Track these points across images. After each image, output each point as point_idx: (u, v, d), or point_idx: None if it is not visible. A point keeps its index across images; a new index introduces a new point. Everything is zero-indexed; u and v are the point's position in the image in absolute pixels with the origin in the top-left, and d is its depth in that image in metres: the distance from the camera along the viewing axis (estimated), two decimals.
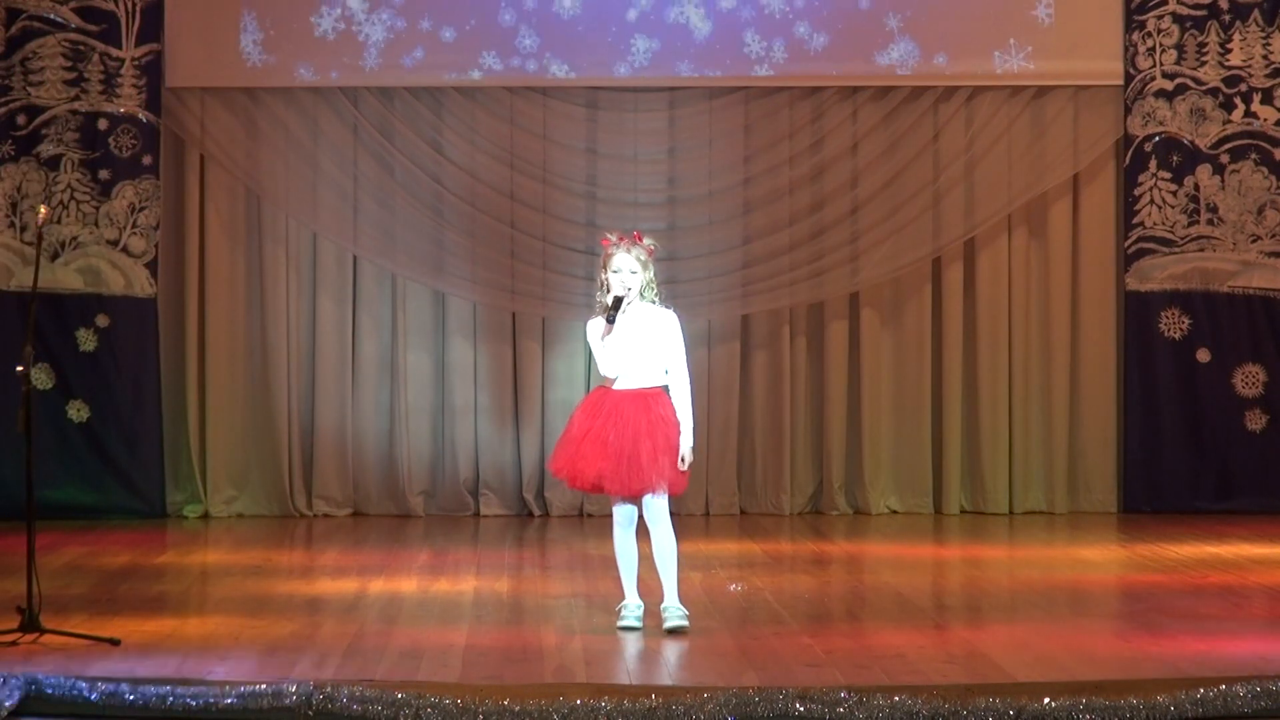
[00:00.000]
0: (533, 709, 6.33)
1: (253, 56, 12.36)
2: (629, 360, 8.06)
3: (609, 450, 7.96)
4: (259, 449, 12.59)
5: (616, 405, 8.05)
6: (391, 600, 9.10)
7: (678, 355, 8.11)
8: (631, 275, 8.08)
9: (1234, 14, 12.61)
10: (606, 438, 7.98)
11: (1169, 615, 8.54)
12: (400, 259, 12.61)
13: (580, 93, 12.66)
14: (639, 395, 8.06)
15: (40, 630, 7.74)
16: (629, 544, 8.17)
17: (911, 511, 12.76)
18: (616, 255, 8.10)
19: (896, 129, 12.72)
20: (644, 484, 7.98)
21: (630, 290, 8.06)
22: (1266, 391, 12.65)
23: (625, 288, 8.06)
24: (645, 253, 8.13)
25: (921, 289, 12.81)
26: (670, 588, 8.09)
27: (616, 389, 8.09)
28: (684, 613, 8.04)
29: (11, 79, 12.24)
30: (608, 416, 8.03)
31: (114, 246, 12.30)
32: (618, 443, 7.96)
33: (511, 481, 12.75)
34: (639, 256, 8.10)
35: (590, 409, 8.14)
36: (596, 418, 8.06)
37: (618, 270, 8.08)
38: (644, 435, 7.97)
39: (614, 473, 7.97)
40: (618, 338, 8.04)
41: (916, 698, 6.39)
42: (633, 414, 8.00)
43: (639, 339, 8.06)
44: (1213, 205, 12.65)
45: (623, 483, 7.98)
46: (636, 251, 8.11)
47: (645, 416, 8.00)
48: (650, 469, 7.96)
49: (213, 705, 6.44)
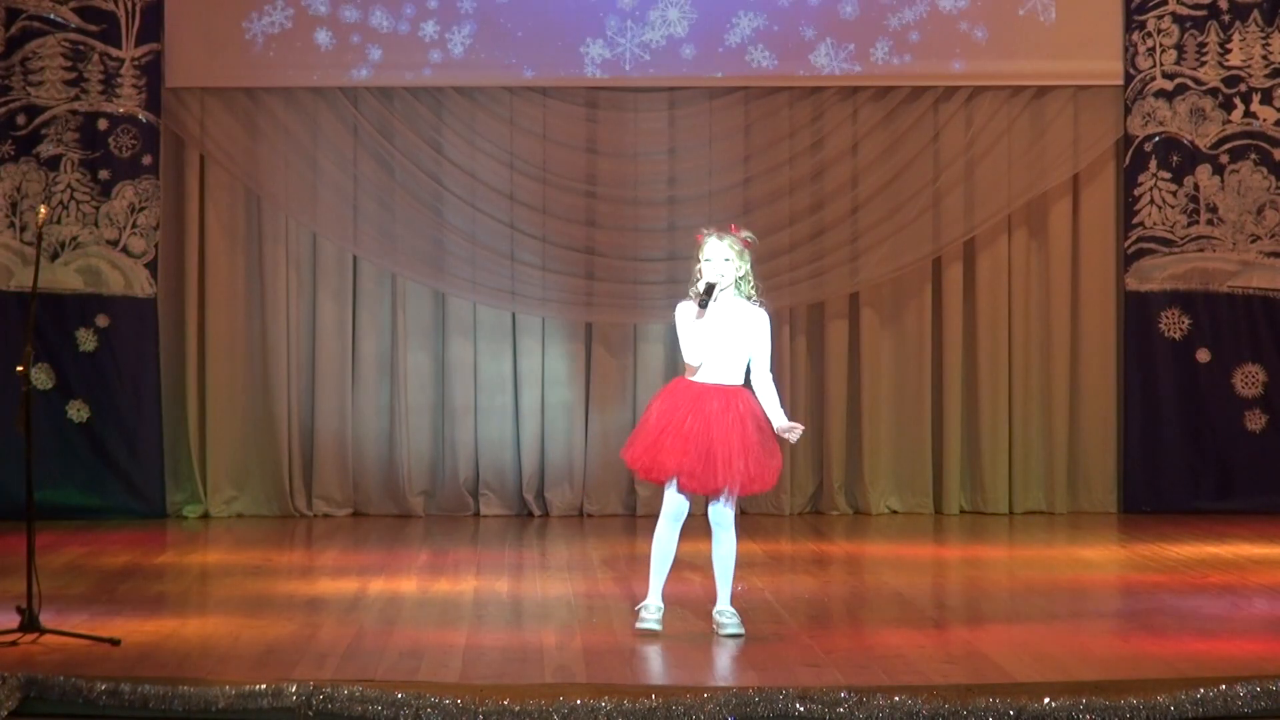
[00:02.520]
0: (533, 709, 6.33)
1: (253, 56, 12.36)
2: (714, 353, 7.89)
3: (689, 444, 7.77)
4: (259, 449, 12.59)
5: (698, 398, 7.86)
6: (391, 600, 9.10)
7: (765, 354, 7.96)
8: (725, 263, 7.90)
9: (1234, 14, 12.61)
10: (688, 431, 7.79)
11: (1169, 615, 8.55)
12: (400, 259, 12.61)
13: (580, 93, 12.66)
14: (722, 391, 7.88)
15: (40, 630, 7.74)
16: (672, 539, 7.97)
17: (911, 511, 12.76)
18: (709, 243, 7.95)
19: (896, 129, 12.72)
20: (719, 484, 7.82)
21: (724, 278, 7.91)
22: (1266, 391, 12.65)
23: (719, 274, 7.90)
24: (740, 243, 7.97)
25: (921, 289, 12.82)
26: (725, 593, 8.00)
27: (699, 382, 7.91)
28: (739, 619, 7.96)
29: (11, 79, 12.24)
30: (689, 409, 7.84)
31: (114, 246, 12.30)
32: (697, 437, 7.78)
33: (511, 481, 12.75)
34: (732, 245, 7.94)
35: (670, 400, 7.94)
36: (677, 410, 7.86)
37: (709, 258, 7.91)
38: (724, 433, 7.78)
39: (693, 469, 7.79)
40: (707, 326, 7.87)
41: (916, 698, 6.39)
42: (715, 409, 7.82)
43: (728, 333, 7.89)
44: (1212, 205, 12.65)
45: (700, 480, 7.81)
46: (730, 240, 7.95)
47: (727, 413, 7.82)
48: (725, 470, 7.78)
49: (213, 705, 6.44)
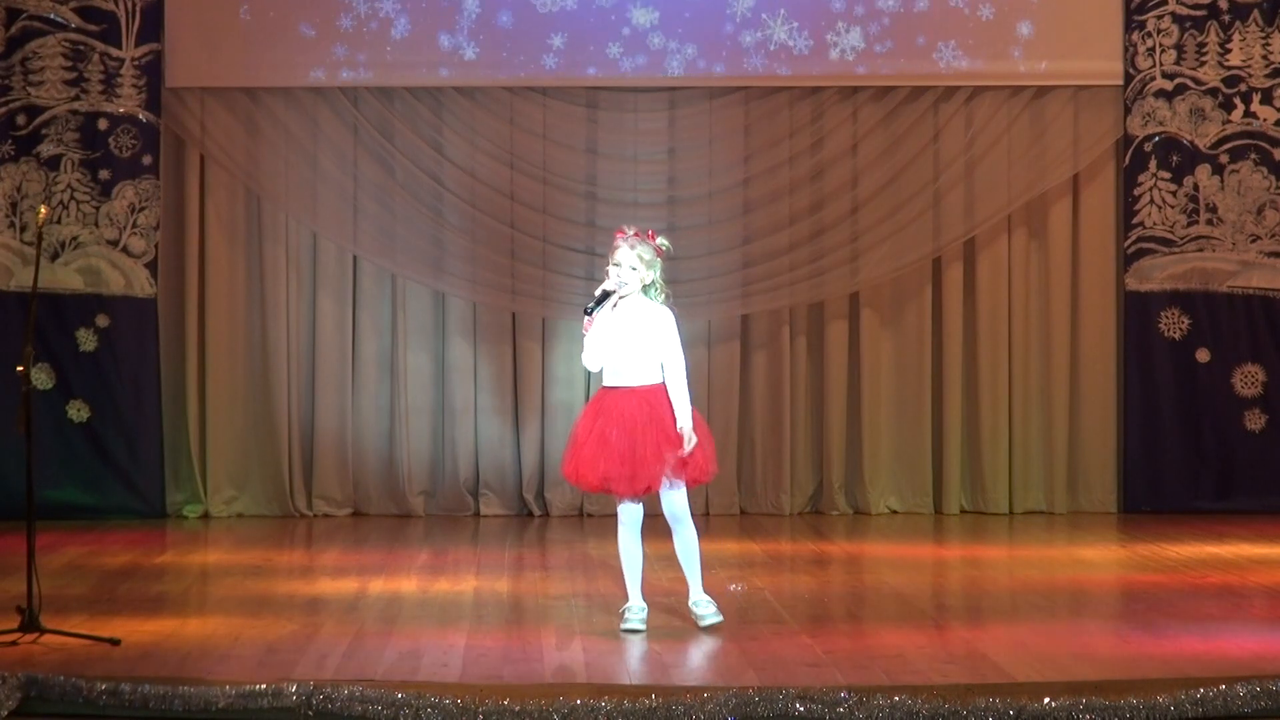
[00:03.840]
0: (533, 709, 6.33)
1: (253, 56, 12.36)
2: (623, 357, 8.02)
3: (611, 450, 7.92)
4: (259, 449, 12.59)
5: (615, 404, 8.01)
6: (391, 600, 9.10)
7: (672, 350, 8.04)
8: (630, 271, 8.03)
9: (1234, 14, 12.61)
10: (608, 438, 7.94)
11: (1169, 615, 8.55)
12: (400, 259, 12.61)
13: (580, 93, 12.66)
14: (636, 393, 8.01)
15: (40, 630, 7.75)
16: (634, 545, 8.12)
17: (911, 511, 12.76)
18: (620, 248, 8.05)
19: (896, 129, 12.72)
20: (649, 480, 7.94)
21: (625, 285, 8.02)
22: (1266, 391, 12.65)
23: (620, 282, 8.02)
24: (652, 251, 8.06)
25: (921, 289, 12.82)
26: (696, 582, 8.10)
27: (615, 388, 8.05)
28: (715, 606, 8.04)
29: (11, 79, 12.24)
30: (607, 417, 7.99)
31: (114, 246, 12.30)
32: (618, 442, 7.92)
33: (511, 481, 12.75)
34: (642, 255, 8.04)
35: (591, 411, 8.12)
36: (597, 419, 8.03)
37: (618, 264, 8.04)
38: (643, 431, 7.92)
39: (618, 473, 7.93)
40: (606, 331, 7.99)
41: (916, 698, 6.39)
42: (631, 412, 7.96)
43: (634, 336, 8.01)
44: (1212, 205, 12.65)
45: (628, 482, 7.94)
46: (641, 249, 8.05)
47: (643, 413, 7.95)
48: (654, 463, 7.90)
49: (213, 705, 6.44)
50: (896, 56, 12.52)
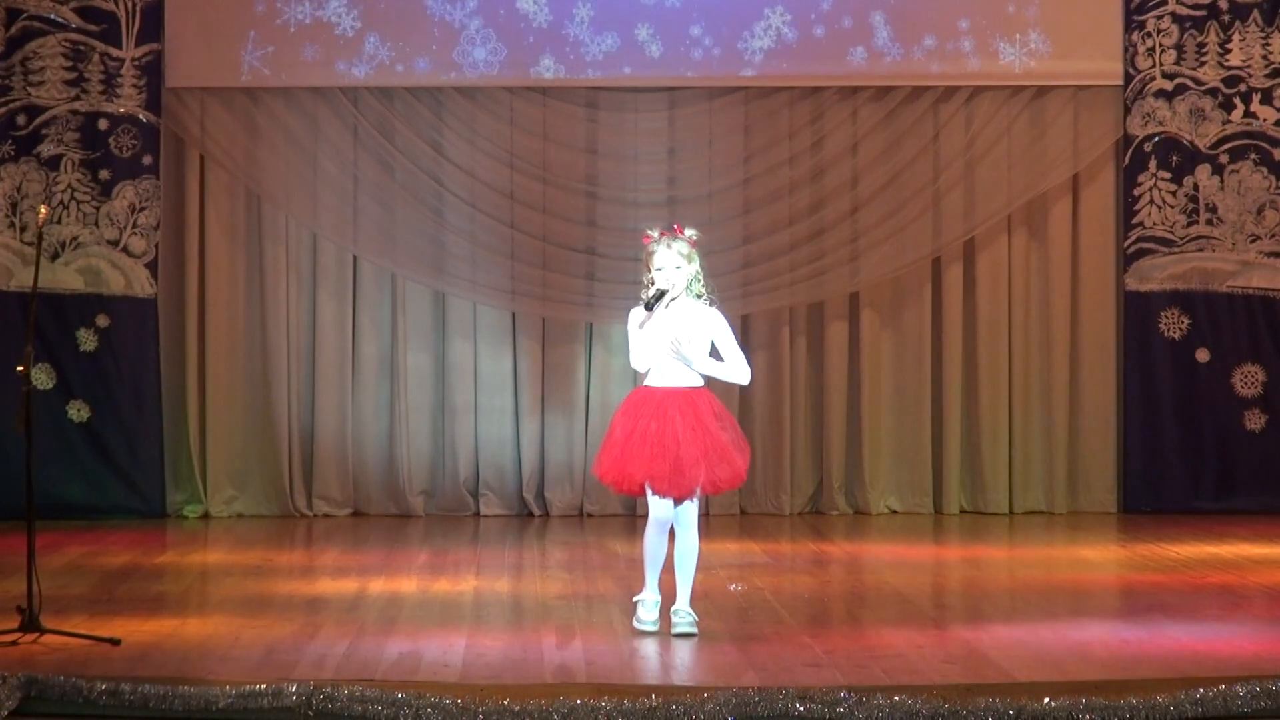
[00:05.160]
0: (533, 709, 6.33)
1: (253, 56, 12.36)
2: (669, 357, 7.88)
3: (655, 450, 7.76)
4: (259, 449, 12.59)
5: (660, 404, 7.85)
6: (391, 600, 9.10)
7: (731, 350, 7.93)
8: (676, 271, 7.90)
9: (1233, 14, 12.61)
10: (653, 437, 7.77)
11: (1169, 615, 8.55)
12: (400, 259, 12.61)
13: (580, 93, 12.66)
14: (682, 394, 7.86)
15: (40, 630, 7.74)
16: (659, 544, 7.95)
17: (911, 511, 12.76)
18: (658, 252, 7.92)
19: (896, 129, 12.72)
20: (688, 486, 7.82)
21: (675, 285, 7.89)
22: (1266, 391, 12.65)
23: (670, 283, 7.88)
24: (688, 245, 7.95)
25: (921, 289, 12.82)
26: (685, 592, 7.99)
27: (659, 387, 7.89)
28: (694, 619, 7.96)
29: (11, 79, 12.24)
30: (651, 416, 7.82)
31: (114, 246, 12.30)
32: (663, 442, 7.76)
33: (511, 481, 12.75)
34: (681, 250, 7.92)
35: (632, 409, 7.93)
36: (640, 418, 7.85)
37: (660, 268, 7.89)
38: (688, 436, 7.78)
39: (662, 473, 7.78)
40: (655, 331, 7.84)
41: (916, 698, 6.39)
42: (676, 413, 7.80)
43: (682, 336, 7.86)
44: (1212, 205, 12.65)
45: (670, 483, 7.79)
46: (679, 246, 7.93)
47: (689, 417, 7.81)
48: (692, 472, 7.78)
49: (213, 705, 6.44)
50: (896, 56, 12.52)
